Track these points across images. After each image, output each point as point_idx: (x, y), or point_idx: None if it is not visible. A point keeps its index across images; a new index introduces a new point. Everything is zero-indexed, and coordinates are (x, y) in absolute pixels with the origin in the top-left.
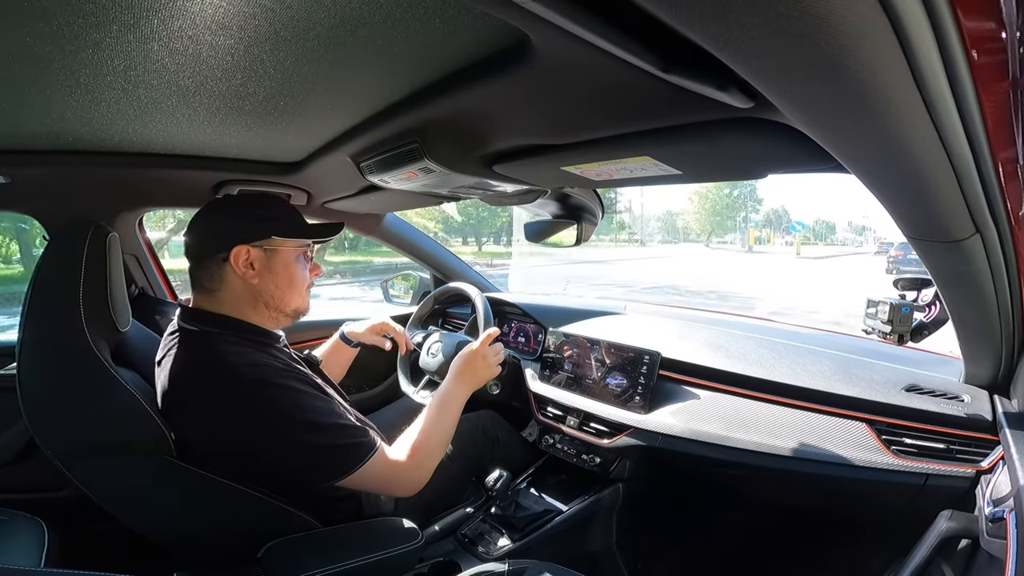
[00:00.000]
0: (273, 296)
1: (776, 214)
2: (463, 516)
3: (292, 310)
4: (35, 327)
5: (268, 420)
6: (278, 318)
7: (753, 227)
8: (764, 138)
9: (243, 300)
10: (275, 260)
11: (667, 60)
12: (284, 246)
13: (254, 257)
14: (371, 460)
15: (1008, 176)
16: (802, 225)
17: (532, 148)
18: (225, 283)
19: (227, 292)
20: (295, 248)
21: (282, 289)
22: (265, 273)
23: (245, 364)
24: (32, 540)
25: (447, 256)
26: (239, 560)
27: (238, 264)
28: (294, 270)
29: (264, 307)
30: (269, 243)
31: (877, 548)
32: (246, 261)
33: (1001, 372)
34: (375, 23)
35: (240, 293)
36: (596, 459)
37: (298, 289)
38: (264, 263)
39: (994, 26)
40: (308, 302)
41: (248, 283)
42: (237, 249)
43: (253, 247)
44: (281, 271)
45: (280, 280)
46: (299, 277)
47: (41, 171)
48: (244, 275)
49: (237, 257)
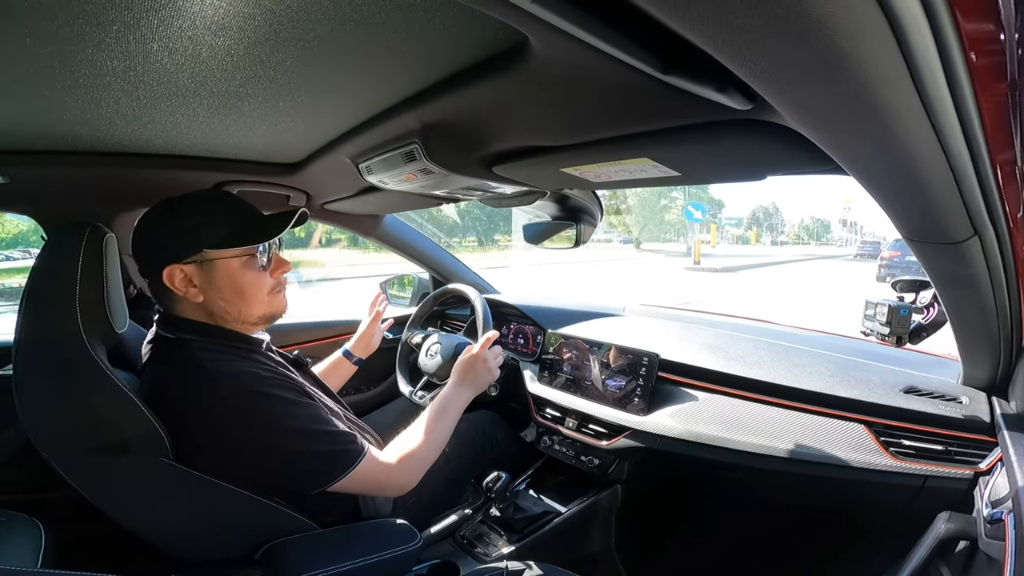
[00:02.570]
0: (226, 311)
1: (765, 211)
2: (462, 518)
3: (257, 318)
4: (31, 328)
5: (251, 430)
6: (245, 327)
7: (698, 223)
8: (763, 140)
9: (201, 315)
10: (214, 275)
11: (666, 62)
12: (221, 257)
13: (190, 274)
14: (359, 465)
15: (1006, 178)
16: (701, 209)
17: (531, 149)
18: (175, 301)
19: (183, 308)
20: (237, 256)
21: (233, 303)
22: (208, 289)
23: (224, 373)
24: (29, 541)
25: (446, 257)
26: (236, 561)
27: (174, 285)
28: (242, 280)
29: (222, 320)
30: (202, 256)
31: (875, 549)
32: (183, 280)
33: (999, 374)
34: (375, 25)
35: (193, 309)
36: (595, 461)
37: (253, 298)
38: (204, 279)
39: (993, 28)
40: (279, 304)
41: (193, 302)
42: (169, 270)
43: (185, 265)
44: (225, 284)
45: (227, 294)
46: (251, 287)
47: (40, 171)
48: (185, 295)
49: (171, 279)
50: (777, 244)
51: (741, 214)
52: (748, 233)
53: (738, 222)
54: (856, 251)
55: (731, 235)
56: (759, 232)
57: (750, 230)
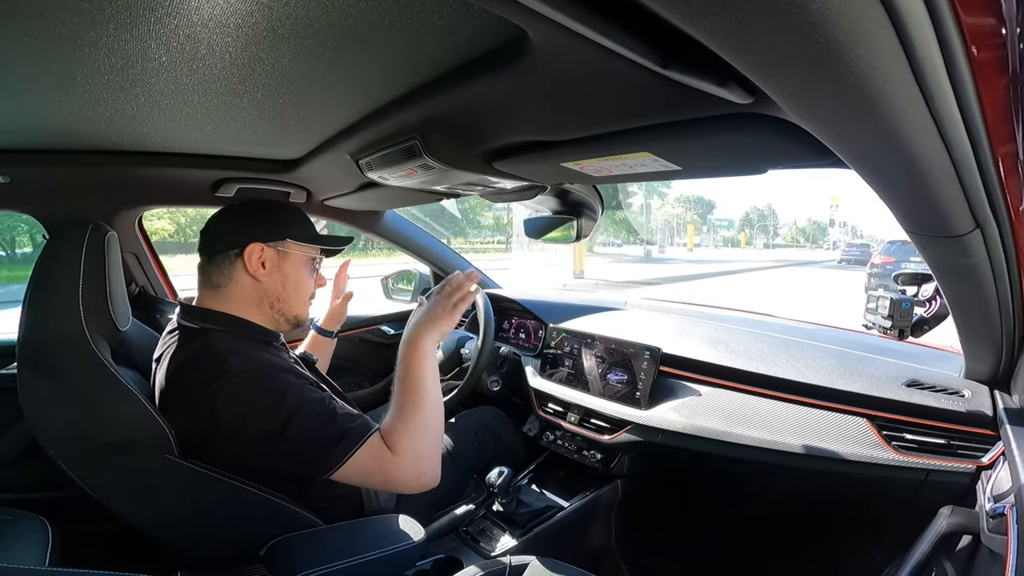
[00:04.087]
0: (279, 297)
1: (760, 212)
2: (465, 513)
3: (293, 316)
4: (34, 327)
5: (261, 406)
6: (279, 321)
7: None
8: (764, 134)
9: (248, 298)
10: (286, 262)
11: (666, 56)
12: (296, 250)
13: (267, 256)
14: (369, 440)
15: (1008, 171)
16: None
17: (532, 144)
18: (233, 280)
19: (234, 288)
20: (305, 254)
21: (288, 292)
22: (275, 273)
23: (242, 359)
24: (37, 540)
25: (447, 252)
26: (242, 558)
27: (251, 261)
28: (301, 275)
29: (268, 308)
30: (283, 245)
31: (878, 544)
32: (259, 259)
33: (1002, 367)
34: (373, 20)
35: (247, 291)
36: (597, 455)
37: (302, 295)
38: (275, 263)
39: (994, 21)
40: (308, 312)
41: (257, 281)
42: (252, 246)
43: (268, 246)
44: (290, 273)
45: (288, 282)
46: (305, 283)
47: (40, 170)
48: (255, 272)
49: (251, 254)
50: (770, 247)
51: (734, 215)
52: (739, 235)
53: (729, 224)
54: (841, 255)
55: (720, 237)
56: (750, 234)
57: (742, 232)
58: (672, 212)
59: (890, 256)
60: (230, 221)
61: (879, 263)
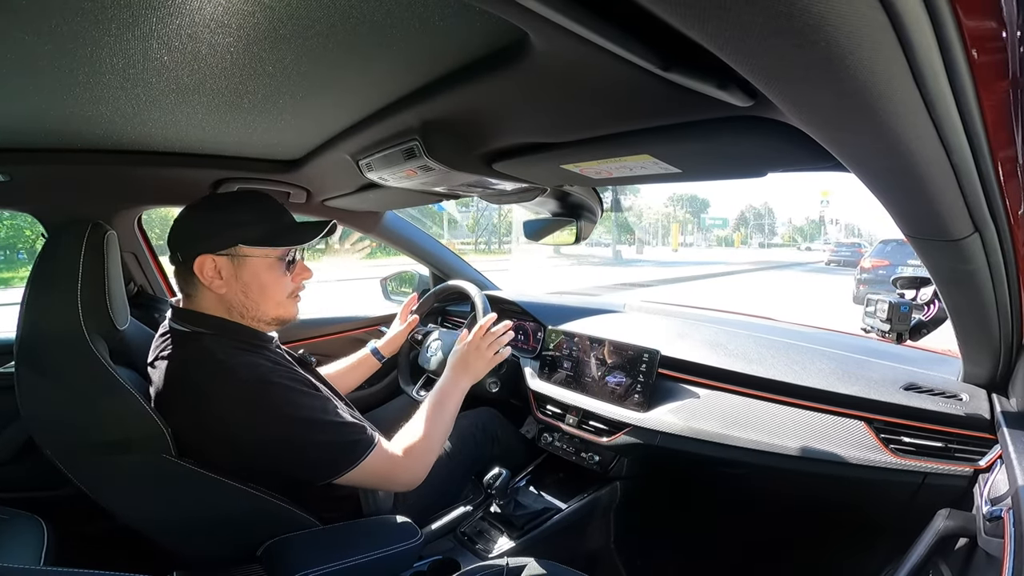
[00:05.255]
0: (245, 306)
1: (756, 212)
2: (462, 514)
3: (271, 319)
4: (33, 325)
5: (263, 418)
6: (259, 325)
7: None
8: (764, 137)
9: (217, 308)
10: (243, 270)
11: (667, 58)
12: (253, 255)
13: (220, 266)
14: (369, 456)
15: (1007, 175)
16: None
17: (532, 146)
18: (198, 290)
19: (202, 299)
20: (266, 256)
21: (253, 300)
22: (232, 283)
23: (237, 364)
24: (31, 539)
25: (446, 254)
26: (238, 558)
27: (203, 274)
28: (266, 279)
29: (239, 316)
30: (235, 251)
31: (874, 546)
32: (212, 270)
33: (1000, 371)
34: (374, 21)
35: (212, 301)
36: (595, 457)
37: (272, 299)
38: (231, 272)
39: (994, 25)
40: (292, 310)
41: (216, 293)
42: (201, 259)
43: (218, 256)
44: (250, 281)
45: (250, 291)
46: (273, 287)
47: (40, 169)
48: (211, 285)
49: (202, 267)
50: (765, 247)
51: (729, 214)
52: (733, 235)
53: (723, 223)
54: (829, 256)
55: (714, 237)
56: (745, 234)
57: (737, 231)
58: (663, 211)
59: (883, 259)
60: (184, 227)
61: (869, 267)
